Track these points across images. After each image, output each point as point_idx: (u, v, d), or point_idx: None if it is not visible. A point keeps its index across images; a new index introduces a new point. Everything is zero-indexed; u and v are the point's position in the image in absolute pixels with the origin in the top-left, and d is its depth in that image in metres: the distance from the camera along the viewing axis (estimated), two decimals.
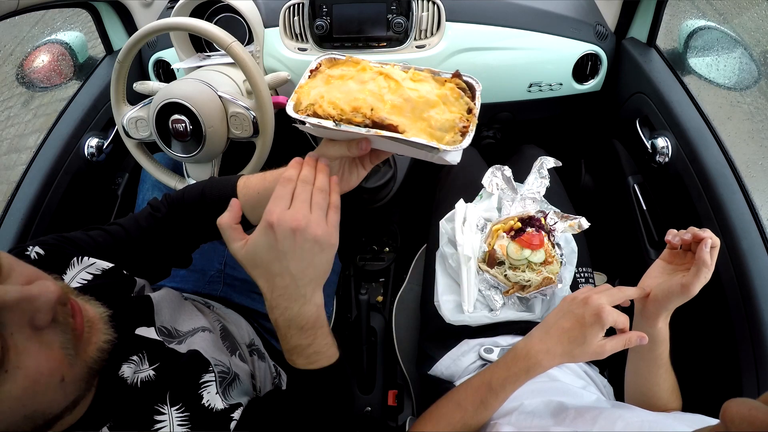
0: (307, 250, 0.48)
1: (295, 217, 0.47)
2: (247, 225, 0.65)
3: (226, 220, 0.52)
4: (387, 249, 1.47)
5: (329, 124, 0.51)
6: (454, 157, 0.53)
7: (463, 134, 0.52)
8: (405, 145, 0.51)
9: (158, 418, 0.46)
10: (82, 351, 0.40)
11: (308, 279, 0.49)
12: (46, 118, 2.14)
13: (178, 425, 0.47)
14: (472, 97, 0.55)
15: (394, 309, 1.00)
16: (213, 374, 0.54)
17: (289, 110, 0.53)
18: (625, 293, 0.57)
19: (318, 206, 0.49)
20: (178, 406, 0.48)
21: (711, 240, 0.54)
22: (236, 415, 0.51)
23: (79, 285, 0.53)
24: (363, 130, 0.50)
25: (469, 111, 0.54)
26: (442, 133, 0.52)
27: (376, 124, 0.51)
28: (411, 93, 0.53)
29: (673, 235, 0.58)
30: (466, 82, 0.55)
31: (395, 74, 0.55)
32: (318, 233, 0.48)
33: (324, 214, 0.50)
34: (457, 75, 0.55)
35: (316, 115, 0.52)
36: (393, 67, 0.56)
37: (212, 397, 0.51)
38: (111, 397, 0.46)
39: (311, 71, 0.57)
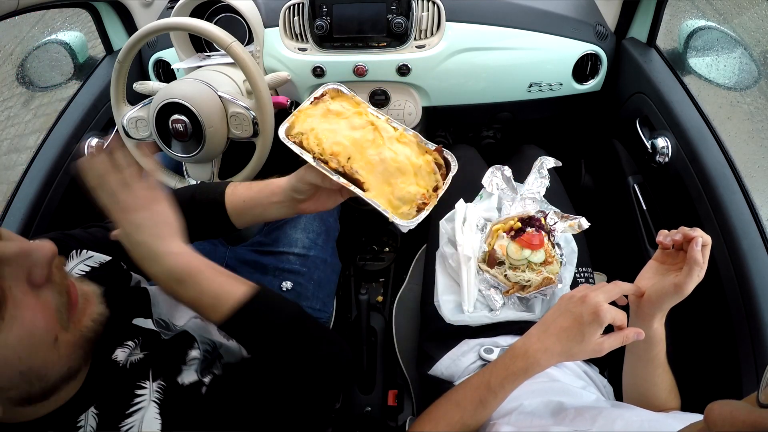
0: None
1: None
2: (233, 229, 0.68)
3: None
4: (387, 249, 1.47)
5: (308, 157, 0.55)
6: (405, 228, 0.54)
7: (419, 210, 0.54)
8: None
9: (138, 392, 0.46)
10: (77, 319, 0.42)
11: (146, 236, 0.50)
12: (46, 118, 2.14)
13: (155, 393, 0.47)
14: (445, 175, 0.57)
15: (394, 309, 1.00)
16: (198, 351, 0.54)
17: (281, 132, 0.57)
18: (621, 288, 0.57)
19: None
20: (159, 381, 0.48)
21: (702, 239, 0.54)
22: (206, 379, 0.51)
23: (77, 276, 0.54)
24: (334, 176, 0.54)
25: (435, 189, 0.56)
26: (400, 203, 0.54)
27: (346, 175, 0.54)
28: (388, 154, 0.55)
29: (664, 236, 0.59)
30: (444, 159, 0.57)
31: (384, 130, 0.57)
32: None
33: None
34: (438, 150, 0.57)
35: (301, 144, 0.56)
36: (386, 121, 0.58)
37: (189, 375, 0.51)
38: (101, 378, 0.46)
39: (315, 98, 0.60)
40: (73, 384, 0.44)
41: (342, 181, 0.54)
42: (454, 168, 0.56)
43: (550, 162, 0.90)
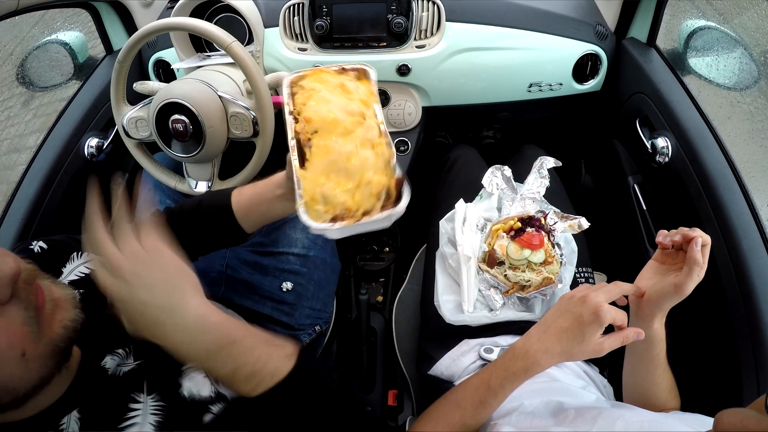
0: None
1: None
2: (243, 234, 0.67)
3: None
4: (387, 249, 1.47)
5: (287, 108, 0.54)
6: (306, 222, 0.49)
7: (333, 220, 0.49)
8: None
9: (133, 406, 0.46)
10: (46, 328, 0.40)
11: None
12: (46, 118, 2.14)
13: (151, 413, 0.46)
14: (389, 208, 0.52)
15: (394, 309, 1.00)
16: None
17: (288, 77, 0.56)
18: (622, 288, 0.57)
19: None
20: (153, 396, 0.47)
21: (701, 239, 0.54)
22: (215, 408, 0.49)
23: (77, 278, 0.54)
24: (289, 135, 0.53)
25: (366, 213, 0.51)
26: (321, 200, 0.49)
27: (300, 142, 0.53)
28: (349, 149, 0.51)
29: (663, 236, 0.59)
30: (398, 192, 0.53)
31: (368, 129, 0.54)
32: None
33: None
34: (398, 180, 0.53)
35: (292, 96, 0.55)
36: (378, 123, 0.55)
37: (197, 384, 0.50)
38: (87, 385, 0.46)
39: (342, 68, 0.59)
40: (53, 389, 0.43)
41: (291, 144, 0.51)
42: (400, 206, 0.52)
43: (550, 162, 0.90)
